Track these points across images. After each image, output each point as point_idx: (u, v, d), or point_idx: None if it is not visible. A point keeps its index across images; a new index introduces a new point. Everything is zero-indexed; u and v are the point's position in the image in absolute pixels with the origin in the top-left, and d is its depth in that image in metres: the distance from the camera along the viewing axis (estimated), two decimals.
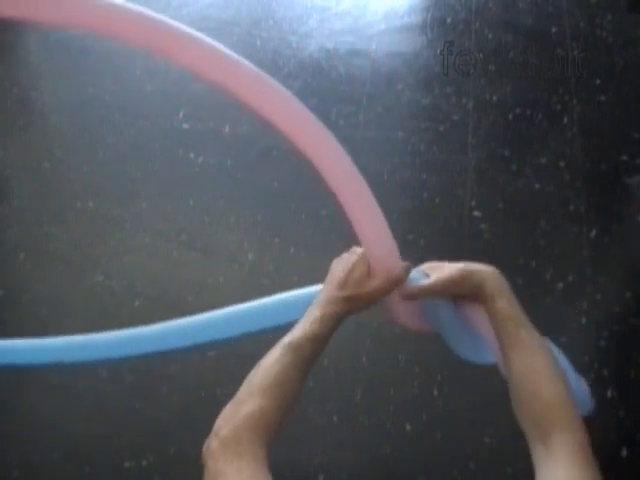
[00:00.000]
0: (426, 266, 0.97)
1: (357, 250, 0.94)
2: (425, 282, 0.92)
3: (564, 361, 0.94)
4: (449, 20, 2.96)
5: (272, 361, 0.80)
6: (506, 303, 0.86)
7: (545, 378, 0.78)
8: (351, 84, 2.70)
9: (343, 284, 0.89)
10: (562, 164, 2.38)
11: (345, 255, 0.95)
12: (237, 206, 2.32)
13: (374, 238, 0.91)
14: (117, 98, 2.69)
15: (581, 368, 0.93)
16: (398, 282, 0.91)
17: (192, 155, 2.46)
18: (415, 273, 0.94)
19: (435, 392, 1.84)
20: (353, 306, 0.88)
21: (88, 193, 2.35)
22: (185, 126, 2.56)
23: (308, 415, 1.81)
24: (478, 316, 0.93)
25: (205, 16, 3.00)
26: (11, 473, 1.74)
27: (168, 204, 2.32)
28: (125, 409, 1.85)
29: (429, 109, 2.60)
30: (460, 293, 0.92)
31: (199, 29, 0.78)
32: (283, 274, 2.09)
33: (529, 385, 0.78)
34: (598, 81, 2.65)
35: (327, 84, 2.70)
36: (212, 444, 0.71)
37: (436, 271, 0.94)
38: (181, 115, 2.59)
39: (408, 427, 1.78)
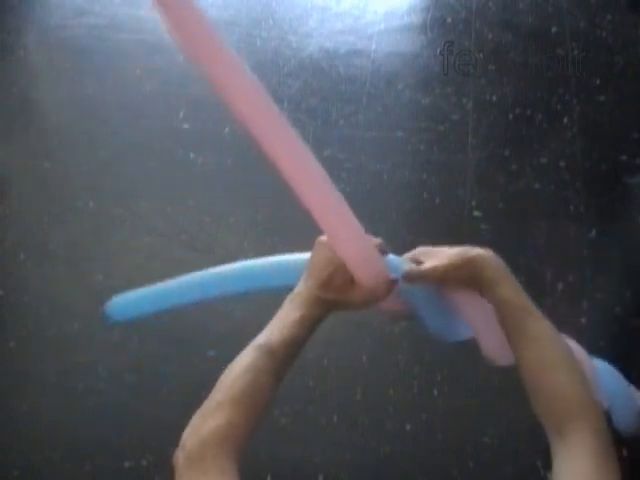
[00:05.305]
0: (419, 251, 0.93)
1: None
2: (425, 268, 0.87)
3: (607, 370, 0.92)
4: (449, 20, 2.96)
5: (244, 366, 0.75)
6: (509, 290, 0.82)
7: (557, 370, 0.75)
8: (351, 84, 2.70)
9: (325, 285, 0.83)
10: (562, 164, 2.38)
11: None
12: (237, 206, 2.32)
13: (351, 250, 0.82)
14: (117, 98, 2.69)
15: None
16: (382, 298, 0.86)
17: (192, 155, 2.46)
18: (404, 263, 0.90)
19: (435, 392, 1.84)
20: (332, 309, 0.84)
21: (88, 193, 2.35)
22: (185, 126, 2.56)
23: (308, 415, 1.81)
24: (458, 294, 0.90)
25: None
26: (11, 473, 1.74)
27: (168, 204, 2.32)
28: (125, 409, 1.85)
29: (429, 109, 2.60)
30: (458, 279, 0.88)
31: None
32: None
33: (541, 378, 0.75)
34: (598, 81, 2.65)
35: (327, 84, 2.70)
36: (179, 457, 0.68)
37: (430, 257, 0.90)
38: (181, 115, 2.59)
39: (408, 427, 1.78)
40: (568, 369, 0.75)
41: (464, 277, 0.87)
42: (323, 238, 0.87)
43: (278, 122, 0.77)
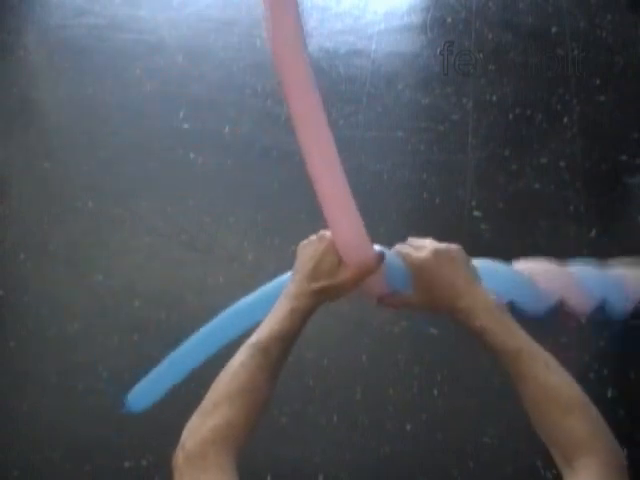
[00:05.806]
0: (400, 247, 0.91)
1: (326, 235, 0.87)
2: (405, 295, 0.88)
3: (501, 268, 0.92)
4: (449, 20, 2.96)
5: (238, 365, 0.75)
6: (493, 326, 0.78)
7: (563, 405, 0.72)
8: (351, 84, 2.70)
9: (313, 275, 0.83)
10: (562, 164, 2.38)
11: (313, 239, 0.89)
12: (237, 206, 2.32)
13: (342, 222, 0.84)
14: (117, 98, 2.69)
15: (581, 368, 0.93)
16: (371, 272, 0.85)
17: (192, 155, 2.46)
18: (390, 255, 0.89)
19: (435, 392, 1.84)
20: (324, 298, 0.84)
21: (88, 193, 2.35)
22: (185, 126, 2.56)
23: (308, 414, 1.81)
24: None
25: (205, 16, 2.99)
26: (11, 473, 1.74)
27: (168, 204, 2.32)
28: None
29: (429, 109, 2.60)
30: None
31: (199, 29, 0.78)
32: (283, 274, 2.09)
33: (547, 414, 0.73)
34: (598, 81, 2.65)
35: (327, 84, 2.70)
36: (178, 456, 0.68)
37: (415, 246, 0.88)
38: (181, 115, 2.59)
39: (408, 427, 1.78)
40: (574, 405, 0.72)
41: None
42: (304, 242, 0.90)
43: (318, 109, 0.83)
